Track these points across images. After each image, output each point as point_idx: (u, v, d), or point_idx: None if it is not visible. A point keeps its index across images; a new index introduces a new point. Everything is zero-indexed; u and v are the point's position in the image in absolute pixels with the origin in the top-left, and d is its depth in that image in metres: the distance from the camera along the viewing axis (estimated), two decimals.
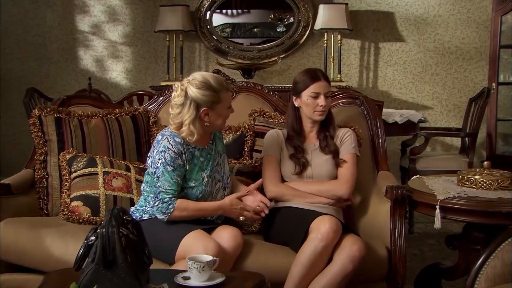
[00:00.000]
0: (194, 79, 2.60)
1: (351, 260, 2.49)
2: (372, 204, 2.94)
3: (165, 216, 2.54)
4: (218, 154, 2.75)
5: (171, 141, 2.57)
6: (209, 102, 2.58)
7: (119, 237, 1.92)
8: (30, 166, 3.15)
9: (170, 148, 2.56)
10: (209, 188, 2.64)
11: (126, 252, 1.93)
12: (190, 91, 2.57)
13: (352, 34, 5.97)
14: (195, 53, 6.27)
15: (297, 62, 6.12)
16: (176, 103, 2.60)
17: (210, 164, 2.67)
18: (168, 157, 2.55)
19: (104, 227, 1.90)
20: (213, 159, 2.69)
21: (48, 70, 6.34)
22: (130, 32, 6.26)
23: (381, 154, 3.15)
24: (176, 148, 2.56)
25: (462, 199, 2.51)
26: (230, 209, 2.62)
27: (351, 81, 6.03)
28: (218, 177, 2.70)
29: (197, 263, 2.04)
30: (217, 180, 2.69)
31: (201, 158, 2.65)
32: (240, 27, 6.38)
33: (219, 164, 2.73)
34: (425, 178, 2.90)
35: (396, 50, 6.06)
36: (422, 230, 4.63)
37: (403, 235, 2.66)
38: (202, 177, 2.62)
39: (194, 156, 2.63)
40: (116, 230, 1.92)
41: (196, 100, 2.57)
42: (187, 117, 2.57)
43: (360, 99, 3.29)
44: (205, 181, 2.62)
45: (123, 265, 1.89)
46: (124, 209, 2.11)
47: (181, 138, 2.59)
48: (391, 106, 5.90)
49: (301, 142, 2.92)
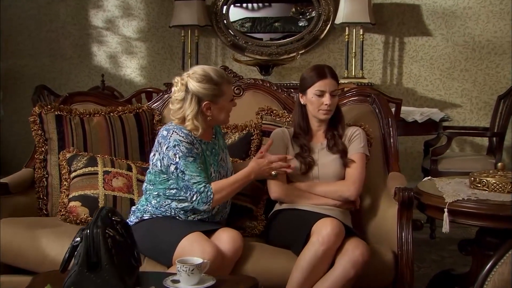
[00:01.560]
0: (194, 73, 2.64)
1: (353, 265, 2.48)
2: (381, 206, 2.94)
3: (208, 206, 2.58)
4: (221, 149, 2.79)
5: (180, 133, 2.60)
6: (210, 96, 2.62)
7: (105, 238, 1.96)
8: (30, 165, 3.21)
9: (182, 139, 2.59)
10: None
11: (112, 254, 1.96)
12: (190, 85, 2.61)
13: (375, 28, 5.94)
14: (211, 49, 6.32)
15: (318, 58, 6.13)
16: (177, 98, 2.64)
17: (216, 159, 2.71)
18: (184, 149, 2.57)
19: (89, 228, 1.94)
20: (218, 154, 2.74)
21: (61, 67, 6.46)
22: (145, 27, 6.34)
23: (393, 154, 3.14)
24: (187, 139, 2.59)
25: (472, 202, 2.49)
26: (259, 169, 2.66)
27: (374, 78, 6.01)
28: (223, 172, 2.75)
29: (186, 266, 2.06)
30: (222, 176, 2.73)
31: (207, 152, 2.69)
32: (260, 21, 6.40)
33: (223, 159, 2.77)
34: (437, 179, 2.89)
35: (422, 45, 6.01)
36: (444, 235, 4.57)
37: (411, 239, 2.64)
38: (210, 172, 2.66)
39: (202, 149, 2.66)
40: (102, 231, 1.96)
41: (197, 94, 2.60)
42: (189, 112, 2.60)
43: (371, 96, 3.28)
44: (213, 176, 2.66)
45: (107, 267, 1.92)
46: (114, 209, 2.16)
47: (188, 130, 2.63)
48: (417, 104, 5.87)
49: (307, 141, 2.93)
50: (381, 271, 2.63)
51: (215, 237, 2.56)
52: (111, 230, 2.00)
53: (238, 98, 3.41)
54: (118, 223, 2.11)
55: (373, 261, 2.57)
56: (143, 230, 2.60)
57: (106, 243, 1.96)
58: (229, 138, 3.19)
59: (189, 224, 2.61)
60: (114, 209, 2.15)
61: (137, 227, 2.61)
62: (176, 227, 2.58)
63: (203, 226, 2.61)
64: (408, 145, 5.94)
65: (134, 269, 2.06)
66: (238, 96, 3.41)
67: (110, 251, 1.96)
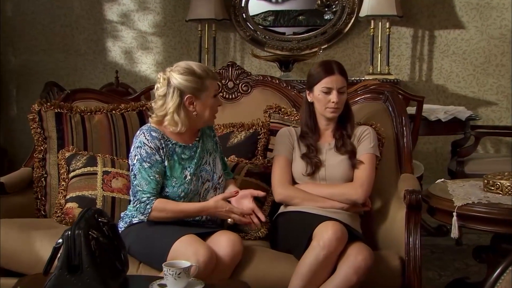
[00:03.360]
0: (177, 66, 2.69)
1: (355, 271, 2.49)
2: (391, 210, 2.94)
3: (144, 217, 2.62)
4: (207, 152, 2.81)
5: (147, 136, 2.66)
6: (192, 89, 2.65)
7: (87, 240, 2.00)
8: (29, 164, 3.29)
9: (146, 143, 2.65)
10: (194, 187, 2.70)
11: (95, 256, 2.00)
12: (172, 79, 2.65)
13: (403, 21, 5.90)
14: (229, 44, 6.36)
15: (341, 53, 6.12)
16: (160, 94, 2.69)
17: (194, 162, 2.73)
18: (144, 153, 2.64)
19: (70, 229, 1.99)
20: (199, 157, 2.75)
21: (75, 63, 6.58)
22: (161, 21, 6.41)
23: (406, 155, 3.13)
24: (152, 143, 2.65)
25: (482, 206, 2.48)
26: (215, 210, 2.65)
27: (401, 74, 5.97)
28: (207, 176, 2.76)
29: (172, 270, 2.09)
30: (204, 180, 2.75)
31: (182, 155, 2.72)
32: (284, 14, 6.40)
33: (208, 163, 2.79)
34: (450, 182, 2.87)
35: (454, 39, 5.95)
36: (472, 242, 4.54)
37: (419, 245, 2.63)
38: (185, 175, 2.69)
39: (174, 152, 2.70)
40: (84, 232, 2.00)
41: (179, 87, 2.64)
42: (171, 105, 2.64)
43: (385, 93, 3.28)
44: (188, 179, 2.69)
45: (89, 270, 1.96)
46: (101, 210, 2.21)
47: (160, 133, 2.68)
48: (447, 102, 5.81)
49: (314, 141, 2.94)
50: (387, 277, 2.63)
51: (212, 240, 2.58)
52: (94, 231, 2.04)
53: (246, 96, 3.46)
54: (105, 224, 2.15)
55: (378, 267, 2.59)
56: (133, 235, 2.65)
57: (88, 245, 2.00)
58: (234, 137, 3.22)
59: (182, 227, 2.64)
60: (101, 210, 2.20)
61: (127, 232, 2.66)
62: (168, 230, 2.60)
63: (198, 229, 2.64)
64: (438, 145, 5.89)
65: (120, 272, 2.10)
66: (246, 94, 3.45)
67: (92, 253, 1.99)
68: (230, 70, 3.48)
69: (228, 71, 3.48)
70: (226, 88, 3.45)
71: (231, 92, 3.46)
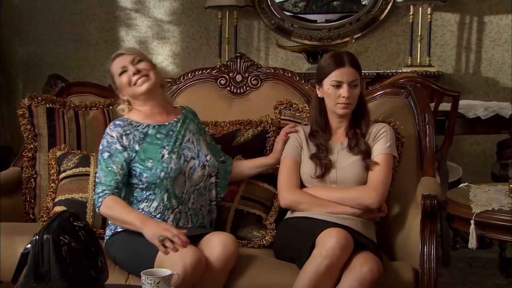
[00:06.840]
0: None
1: (360, 283, 2.50)
2: (409, 216, 2.94)
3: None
4: (190, 132, 2.96)
5: (111, 126, 2.91)
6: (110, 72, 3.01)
7: (57, 245, 2.05)
8: (18, 164, 3.38)
9: (108, 132, 2.89)
10: (175, 165, 2.80)
11: (66, 263, 2.06)
12: None
13: (447, 6, 5.85)
14: (252, 33, 6.39)
15: (377, 42, 6.11)
16: None
17: (173, 140, 2.87)
18: (105, 143, 2.86)
19: (38, 234, 2.05)
20: (178, 135, 2.90)
21: (86, 54, 6.70)
22: (178, 8, 6.48)
23: (427, 156, 3.12)
24: (114, 132, 2.86)
25: (503, 213, 2.46)
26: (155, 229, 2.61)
27: (445, 66, 5.92)
28: (191, 154, 2.89)
29: (150, 279, 2.15)
30: (188, 158, 2.87)
31: (158, 135, 2.89)
32: (317, 0, 6.41)
33: (191, 141, 2.93)
34: (474, 186, 2.86)
35: (507, 25, 5.87)
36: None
37: (434, 256, 2.63)
38: (162, 154, 2.82)
39: (147, 135, 2.87)
40: (54, 237, 2.06)
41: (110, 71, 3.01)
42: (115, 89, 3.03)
43: (407, 88, 3.28)
44: (166, 158, 2.81)
45: (57, 278, 2.02)
46: (77, 213, 2.26)
47: (126, 120, 2.89)
48: (499, 97, 5.74)
49: (325, 140, 2.96)
50: None
51: (203, 243, 2.64)
52: (66, 236, 2.10)
53: (256, 90, 3.49)
54: (82, 229, 2.22)
55: (388, 279, 2.60)
56: (118, 244, 2.74)
57: (58, 251, 2.05)
58: (241, 136, 3.26)
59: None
60: (77, 213, 2.26)
61: (112, 241, 2.77)
62: None
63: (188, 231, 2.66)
64: (487, 146, 5.82)
65: (94, 281, 2.16)
66: (255, 88, 3.49)
67: (62, 260, 2.05)
68: (238, 62, 3.52)
69: (236, 63, 3.52)
70: (234, 81, 3.50)
71: (239, 87, 3.51)
